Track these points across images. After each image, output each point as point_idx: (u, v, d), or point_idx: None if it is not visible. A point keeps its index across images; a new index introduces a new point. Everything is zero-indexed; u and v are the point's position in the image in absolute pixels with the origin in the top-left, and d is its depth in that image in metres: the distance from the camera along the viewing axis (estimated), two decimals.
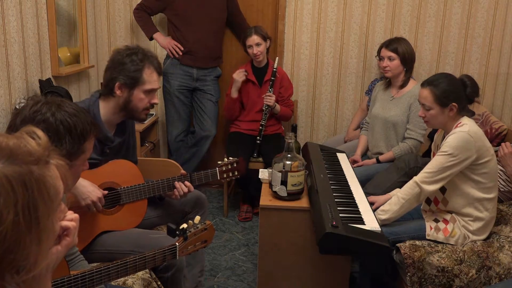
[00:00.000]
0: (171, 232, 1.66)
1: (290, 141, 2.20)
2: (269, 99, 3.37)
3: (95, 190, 1.85)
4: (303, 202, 2.23)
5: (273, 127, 3.57)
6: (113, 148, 2.05)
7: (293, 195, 2.22)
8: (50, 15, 2.96)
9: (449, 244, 2.17)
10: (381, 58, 3.05)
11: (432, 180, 2.11)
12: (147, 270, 1.87)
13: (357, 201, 2.18)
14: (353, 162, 3.00)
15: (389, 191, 2.44)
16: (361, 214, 2.05)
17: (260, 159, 3.44)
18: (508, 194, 2.61)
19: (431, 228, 2.19)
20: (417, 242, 2.16)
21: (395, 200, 2.17)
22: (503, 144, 2.45)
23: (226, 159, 2.25)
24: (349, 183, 2.39)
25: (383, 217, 2.17)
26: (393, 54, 2.95)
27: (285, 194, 2.20)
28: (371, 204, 2.28)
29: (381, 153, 3.00)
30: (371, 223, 1.98)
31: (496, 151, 2.46)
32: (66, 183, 0.82)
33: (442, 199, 2.23)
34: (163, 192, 2.10)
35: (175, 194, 2.11)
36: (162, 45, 3.59)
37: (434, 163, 2.12)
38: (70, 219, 0.95)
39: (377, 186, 2.65)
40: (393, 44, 2.98)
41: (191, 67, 3.59)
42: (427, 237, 2.18)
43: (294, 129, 3.08)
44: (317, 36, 3.79)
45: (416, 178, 2.15)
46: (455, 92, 2.14)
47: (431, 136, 3.32)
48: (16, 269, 0.72)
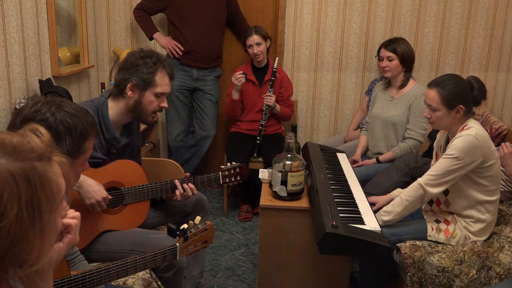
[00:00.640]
0: (172, 233, 1.66)
1: (290, 141, 2.20)
2: (269, 99, 3.37)
3: (101, 189, 1.85)
4: (303, 202, 2.23)
5: (273, 127, 3.57)
6: (119, 148, 2.05)
7: (293, 195, 2.22)
8: (50, 15, 2.96)
9: (450, 244, 2.17)
10: (380, 58, 3.05)
11: (437, 182, 2.10)
12: (148, 270, 1.87)
13: (357, 201, 2.18)
14: (353, 162, 3.00)
15: (389, 191, 2.44)
16: (361, 214, 2.05)
17: (260, 159, 3.44)
18: (508, 194, 2.61)
19: (433, 229, 2.19)
20: (418, 242, 2.16)
21: (399, 201, 2.16)
22: (503, 144, 2.44)
23: (229, 164, 2.25)
24: (349, 183, 2.39)
25: (386, 218, 2.16)
26: (392, 55, 2.95)
27: (285, 194, 2.20)
28: (372, 204, 2.28)
29: (381, 153, 3.00)
30: (371, 223, 1.98)
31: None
32: (68, 180, 0.84)
33: (444, 201, 2.23)
34: (166, 193, 2.11)
35: (176, 195, 2.11)
36: (162, 45, 3.58)
37: (439, 165, 2.10)
38: (71, 217, 0.97)
39: (377, 186, 2.65)
40: (392, 44, 2.98)
41: (191, 67, 3.58)
42: (429, 238, 2.18)
43: (294, 129, 3.08)
44: (317, 36, 3.79)
45: (420, 180, 2.14)
46: (462, 94, 2.11)
47: (431, 136, 3.32)
48: (20, 263, 0.74)
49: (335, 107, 3.93)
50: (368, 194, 2.38)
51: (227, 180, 2.23)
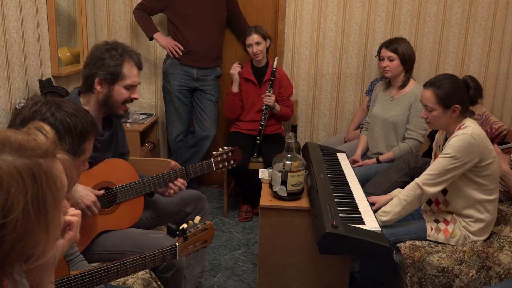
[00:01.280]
0: (171, 232, 1.66)
1: (290, 141, 2.20)
2: (269, 99, 3.37)
3: (89, 193, 1.82)
4: (303, 202, 2.23)
5: (273, 127, 3.57)
6: (104, 142, 2.03)
7: (293, 195, 2.22)
8: (50, 15, 2.96)
9: (450, 244, 2.17)
10: (381, 58, 3.05)
11: (434, 182, 2.10)
12: (147, 270, 1.87)
13: (357, 201, 2.18)
14: (353, 162, 3.00)
15: (389, 191, 2.44)
16: (361, 214, 2.05)
17: (260, 159, 3.44)
18: (508, 194, 2.61)
19: (432, 229, 2.19)
20: (417, 242, 2.15)
21: (397, 201, 2.16)
22: (495, 145, 2.45)
23: (221, 149, 2.22)
24: (349, 183, 2.39)
25: (384, 218, 2.16)
26: (392, 54, 2.95)
27: (285, 194, 2.20)
28: (372, 204, 2.28)
29: (381, 153, 3.00)
30: (371, 223, 1.98)
31: (509, 148, 2.47)
32: (70, 177, 0.86)
33: (443, 200, 2.23)
34: (159, 187, 2.08)
35: (169, 192, 2.09)
36: (162, 45, 3.59)
37: (436, 165, 2.10)
38: (72, 215, 0.99)
39: (377, 186, 2.65)
40: (393, 44, 2.98)
41: (191, 67, 3.59)
42: (428, 238, 2.18)
43: (294, 129, 3.07)
44: (317, 36, 3.79)
45: (418, 179, 2.14)
46: (458, 94, 2.13)
47: (431, 136, 3.32)
48: (25, 258, 0.76)
49: (335, 107, 3.93)
50: (368, 194, 2.38)
51: (220, 165, 2.19)
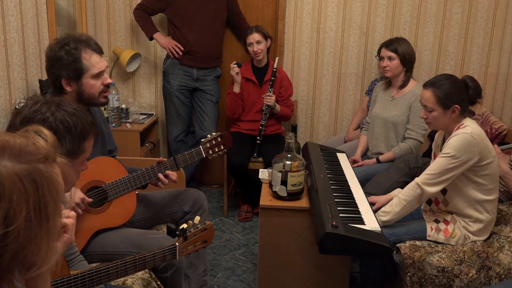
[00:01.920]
0: (171, 232, 1.65)
1: (290, 141, 2.20)
2: (269, 99, 3.37)
3: (76, 191, 1.81)
4: (303, 202, 2.23)
5: (273, 127, 3.57)
6: None
7: (293, 195, 2.22)
8: (50, 15, 2.96)
9: (450, 244, 2.17)
10: (381, 58, 3.05)
11: (434, 181, 2.10)
12: (147, 270, 1.87)
13: (357, 201, 2.18)
14: (353, 162, 3.00)
15: (389, 191, 2.43)
16: (361, 214, 2.05)
17: (260, 159, 3.43)
18: (508, 194, 2.61)
19: (432, 229, 2.19)
20: (417, 242, 2.15)
21: (397, 201, 2.16)
22: (495, 145, 2.45)
23: (209, 136, 2.17)
24: (349, 183, 2.39)
25: (384, 218, 2.16)
26: (393, 54, 2.95)
27: (285, 194, 2.20)
28: (372, 204, 2.28)
29: (381, 153, 3.00)
30: (371, 223, 1.98)
31: (509, 148, 2.47)
32: (66, 181, 0.83)
33: (442, 200, 2.23)
34: (149, 180, 2.06)
35: (160, 179, 2.06)
36: (162, 45, 3.59)
37: (436, 164, 2.11)
38: (67, 216, 0.97)
39: (377, 186, 2.65)
40: (393, 44, 2.98)
41: (191, 67, 3.59)
42: (428, 238, 2.18)
43: (294, 129, 3.08)
44: (317, 36, 3.79)
45: (417, 179, 2.14)
46: (457, 94, 2.13)
47: (431, 136, 3.32)
48: (28, 266, 0.74)
49: (335, 107, 3.93)
50: (368, 194, 2.38)
51: (210, 152, 2.14)
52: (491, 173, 2.13)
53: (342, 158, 2.80)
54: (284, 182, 2.19)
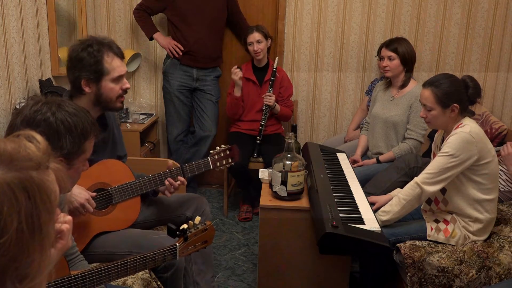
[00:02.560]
0: (172, 233, 1.66)
1: (290, 141, 2.20)
2: (269, 99, 3.37)
3: (82, 192, 1.81)
4: (303, 202, 2.23)
5: (273, 127, 3.57)
6: (98, 144, 2.02)
7: (293, 195, 2.22)
8: (50, 15, 2.96)
9: (450, 244, 2.17)
10: (381, 58, 3.05)
11: (433, 181, 2.11)
12: (147, 270, 1.87)
13: (357, 201, 2.18)
14: (353, 162, 3.00)
15: (389, 191, 2.44)
16: (361, 214, 2.05)
17: (260, 159, 3.43)
18: (508, 194, 2.61)
19: (432, 229, 2.19)
20: (417, 242, 2.16)
21: (396, 201, 2.17)
22: (508, 143, 2.44)
23: (218, 148, 2.20)
24: (349, 183, 2.39)
25: (384, 218, 2.16)
26: (393, 54, 2.95)
27: (285, 194, 2.20)
28: (372, 204, 2.28)
29: (381, 153, 3.00)
30: (371, 223, 1.98)
31: (498, 151, 2.46)
32: (61, 187, 0.79)
33: (442, 199, 2.23)
34: (155, 187, 2.07)
35: (166, 186, 2.06)
36: (162, 45, 3.59)
37: (435, 164, 2.11)
38: (63, 222, 0.93)
39: (377, 186, 2.65)
40: (393, 44, 2.98)
41: (191, 67, 3.59)
42: (428, 238, 2.18)
43: (294, 129, 3.07)
44: (317, 36, 3.79)
45: (417, 178, 2.15)
46: (456, 93, 2.13)
47: (431, 136, 3.32)
48: (20, 278, 0.70)
49: (335, 107, 3.93)
50: (368, 194, 2.39)
51: (217, 164, 2.16)
52: (491, 173, 2.14)
53: (342, 158, 2.80)
54: (284, 182, 2.19)
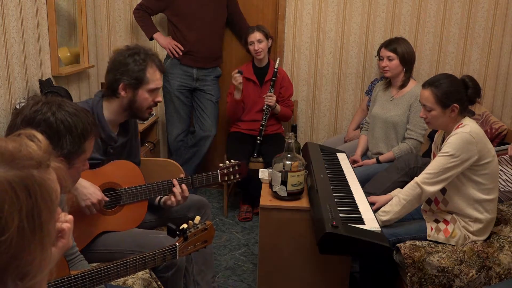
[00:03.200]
0: (171, 232, 1.66)
1: (290, 141, 2.20)
2: (270, 99, 3.37)
3: (96, 191, 1.84)
4: (303, 202, 2.23)
5: (273, 127, 3.57)
6: (117, 148, 2.04)
7: (293, 195, 2.22)
8: (50, 15, 2.96)
9: (450, 244, 2.17)
10: (380, 58, 3.05)
11: (433, 181, 2.11)
12: (147, 270, 1.87)
13: (357, 201, 2.18)
14: (353, 162, 3.00)
15: (389, 191, 2.44)
16: (361, 214, 2.05)
17: (260, 159, 3.44)
18: (508, 194, 2.61)
19: (432, 229, 2.19)
20: (417, 242, 2.16)
21: (396, 201, 2.17)
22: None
23: (228, 162, 2.24)
24: (349, 183, 2.39)
25: (384, 218, 2.16)
26: (392, 54, 2.95)
27: (285, 194, 2.20)
28: (372, 204, 2.28)
29: (381, 153, 3.00)
30: (371, 223, 1.98)
31: (502, 151, 2.47)
32: (62, 185, 0.80)
33: (442, 200, 2.23)
34: (164, 193, 2.09)
35: (171, 200, 2.09)
36: (162, 45, 3.59)
37: (435, 164, 2.11)
38: (64, 221, 0.93)
39: (377, 186, 2.65)
40: (393, 44, 2.98)
41: (191, 67, 3.59)
42: (428, 238, 2.18)
43: (294, 129, 3.08)
44: (317, 36, 3.79)
45: (417, 178, 2.15)
46: (456, 93, 2.13)
47: (431, 136, 3.32)
48: (21, 276, 0.70)
49: (335, 107, 3.93)
50: (368, 194, 2.39)
51: (226, 178, 2.21)
52: (491, 173, 2.13)
53: (342, 158, 2.80)
54: (284, 182, 2.19)
